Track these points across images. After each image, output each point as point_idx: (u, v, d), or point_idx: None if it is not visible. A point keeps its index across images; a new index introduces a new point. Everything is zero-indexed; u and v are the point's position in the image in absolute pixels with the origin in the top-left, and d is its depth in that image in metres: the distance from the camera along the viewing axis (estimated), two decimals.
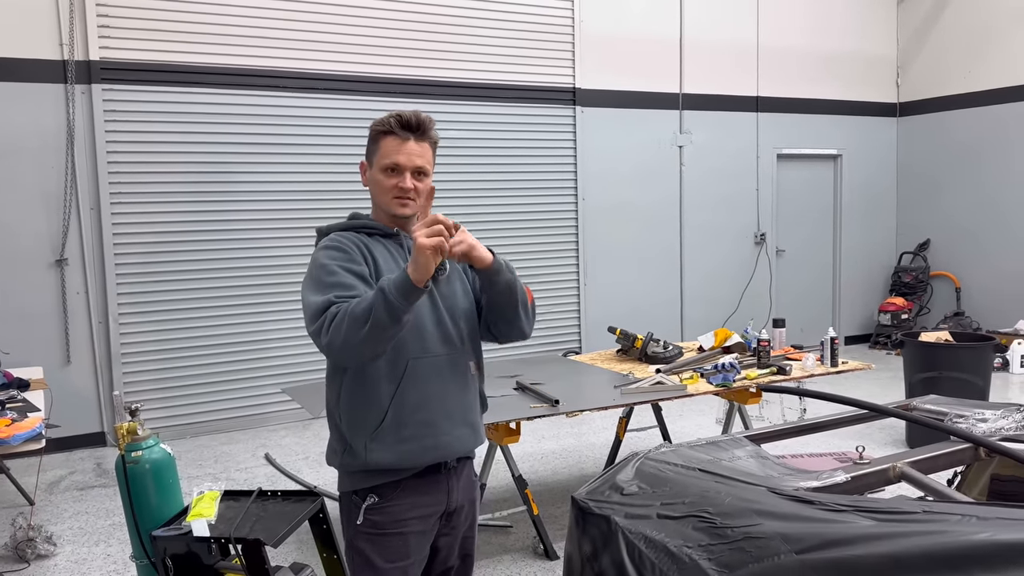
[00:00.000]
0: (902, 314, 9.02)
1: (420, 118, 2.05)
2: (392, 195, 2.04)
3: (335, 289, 1.89)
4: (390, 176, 2.03)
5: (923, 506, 1.43)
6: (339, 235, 2.05)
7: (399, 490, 2.02)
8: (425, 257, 1.76)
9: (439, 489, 2.08)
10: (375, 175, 2.06)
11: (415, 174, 2.04)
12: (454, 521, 2.16)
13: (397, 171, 2.02)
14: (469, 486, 2.20)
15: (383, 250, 2.06)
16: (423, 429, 2.01)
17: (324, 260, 1.97)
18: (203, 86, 6.11)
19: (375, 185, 2.06)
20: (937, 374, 5.10)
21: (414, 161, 2.03)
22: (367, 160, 2.11)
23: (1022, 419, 2.28)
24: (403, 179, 2.02)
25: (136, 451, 2.72)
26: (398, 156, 2.02)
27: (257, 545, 2.45)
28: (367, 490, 2.02)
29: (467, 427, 2.11)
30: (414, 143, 2.03)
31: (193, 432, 6.13)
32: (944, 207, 9.15)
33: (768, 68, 8.59)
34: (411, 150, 2.03)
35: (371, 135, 2.08)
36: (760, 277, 8.77)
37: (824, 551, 1.40)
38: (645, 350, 4.61)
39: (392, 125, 2.03)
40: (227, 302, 6.27)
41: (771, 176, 8.80)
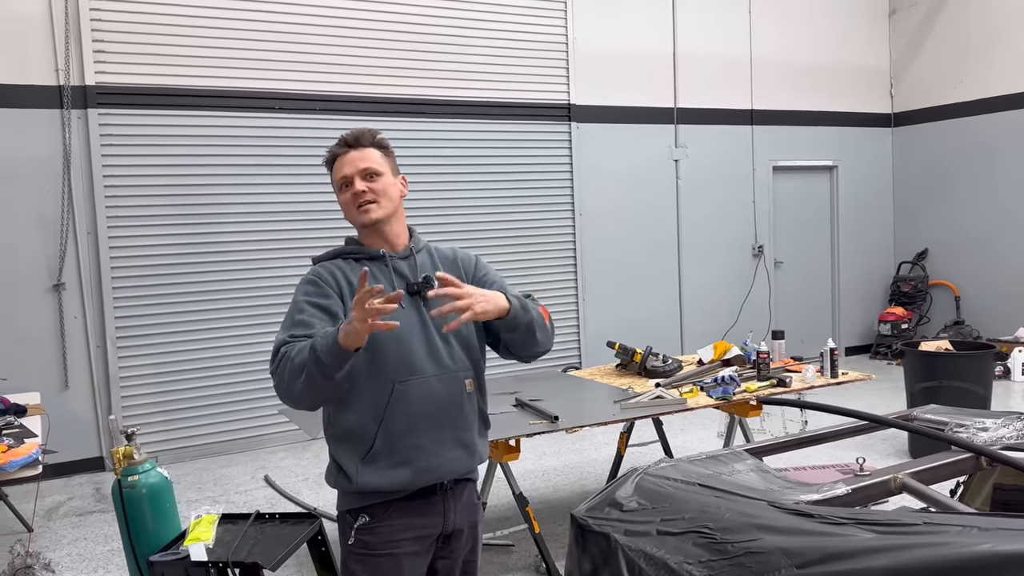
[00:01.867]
0: (902, 324, 9.01)
1: (354, 133, 2.10)
2: (352, 206, 2.06)
3: (295, 328, 1.94)
4: (345, 191, 2.07)
5: (924, 518, 1.41)
6: (320, 265, 2.08)
7: (391, 511, 2.00)
8: (357, 331, 1.76)
9: (434, 511, 2.05)
10: (338, 198, 2.10)
11: (365, 177, 2.05)
12: (453, 544, 2.12)
13: (348, 182, 2.06)
14: (469, 508, 2.15)
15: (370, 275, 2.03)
16: (414, 453, 1.99)
17: (298, 295, 2.03)
18: (199, 109, 6.13)
19: (342, 207, 2.10)
20: (938, 383, 5.08)
21: (358, 165, 2.05)
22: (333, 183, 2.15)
23: (1023, 427, 2.27)
24: (353, 186, 2.05)
25: (133, 475, 2.71)
26: (343, 168, 2.07)
27: (255, 569, 2.44)
28: (359, 510, 2.01)
29: (461, 448, 2.07)
30: (354, 152, 2.07)
31: (192, 455, 6.10)
32: (941, 216, 9.16)
33: (762, 81, 8.63)
34: (353, 159, 2.06)
35: (327, 167, 2.15)
36: (759, 289, 8.77)
37: (825, 565, 1.39)
38: (644, 364, 4.59)
39: (333, 150, 2.11)
40: (225, 324, 6.26)
41: (767, 188, 8.82)
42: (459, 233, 7.00)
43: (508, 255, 7.32)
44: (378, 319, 1.75)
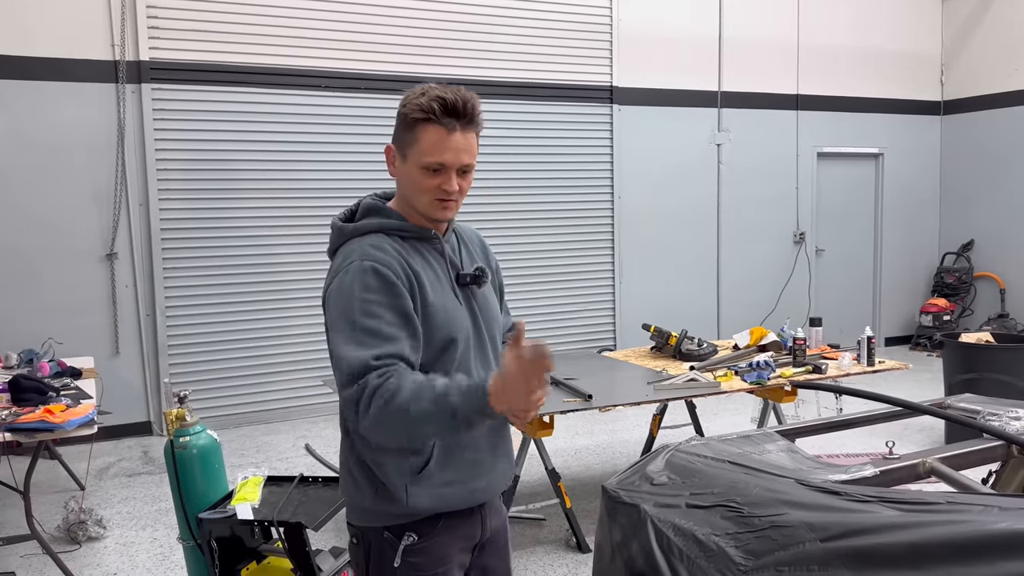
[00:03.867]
0: (944, 315, 8.88)
1: (468, 102, 1.67)
2: (433, 197, 1.69)
3: (375, 343, 1.57)
4: (432, 176, 1.67)
5: (947, 497, 1.45)
6: (375, 248, 1.67)
7: (439, 526, 1.75)
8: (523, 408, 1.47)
9: (473, 521, 1.84)
10: (411, 171, 1.69)
11: (460, 172, 1.69)
12: (487, 551, 1.93)
13: (442, 171, 1.67)
14: (498, 511, 1.97)
15: (421, 260, 1.73)
16: (470, 469, 1.77)
17: (360, 292, 1.61)
18: (249, 85, 6.26)
19: (410, 182, 1.70)
20: (977, 375, 5.03)
21: (461, 159, 1.67)
22: (398, 149, 1.72)
23: None
24: (448, 180, 1.67)
25: (184, 436, 2.84)
26: (444, 154, 1.65)
27: (299, 528, 2.54)
28: (403, 527, 1.72)
29: (507, 460, 1.92)
30: (460, 134, 1.66)
31: (235, 423, 6.29)
32: (989, 207, 8.98)
33: (808, 65, 8.52)
34: (458, 144, 1.66)
35: (405, 120, 1.68)
36: (799, 277, 8.70)
37: (848, 539, 1.43)
38: (679, 347, 4.63)
39: (436, 112, 1.64)
40: (270, 295, 6.42)
41: (811, 175, 8.72)
42: (498, 214, 7.06)
43: (546, 236, 7.38)
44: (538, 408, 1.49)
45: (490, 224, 6.93)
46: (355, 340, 1.57)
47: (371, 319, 1.59)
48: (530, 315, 6.97)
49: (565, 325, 7.55)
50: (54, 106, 5.77)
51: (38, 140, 5.75)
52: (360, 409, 1.52)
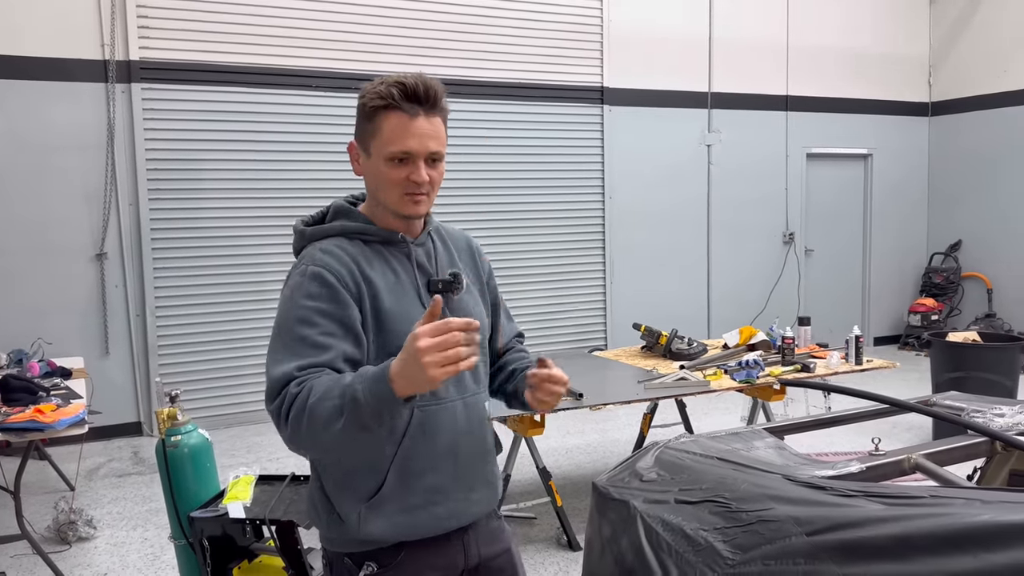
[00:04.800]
0: (932, 315, 8.95)
1: (429, 85, 1.57)
2: (402, 191, 1.58)
3: (304, 353, 1.46)
4: (398, 167, 1.56)
5: (930, 491, 1.48)
6: (325, 253, 1.57)
7: (402, 556, 1.62)
8: (427, 380, 1.31)
9: (451, 550, 1.69)
10: (376, 165, 1.59)
11: (429, 161, 1.58)
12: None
13: (408, 160, 1.56)
14: (494, 535, 1.79)
15: (382, 265, 1.61)
16: (432, 496, 1.62)
17: (298, 297, 1.52)
18: (240, 85, 6.25)
19: (376, 177, 1.60)
20: (964, 374, 5.08)
21: (428, 145, 1.56)
22: (360, 144, 1.62)
23: None
24: (415, 170, 1.56)
25: (176, 436, 2.84)
26: (408, 141, 1.55)
27: (290, 527, 2.55)
28: (362, 556, 1.61)
29: (486, 486, 1.74)
30: (424, 120, 1.56)
31: (225, 423, 6.28)
32: (976, 208, 9.05)
33: (798, 67, 8.57)
34: (423, 130, 1.56)
35: (364, 111, 1.59)
36: (788, 277, 8.75)
37: (834, 533, 1.46)
38: (669, 347, 4.65)
39: (395, 97, 1.54)
40: (260, 296, 6.41)
41: (800, 175, 8.77)
42: (488, 215, 7.08)
43: (537, 236, 7.40)
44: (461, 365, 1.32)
45: (481, 224, 6.94)
46: (285, 349, 1.48)
47: (305, 327, 1.49)
48: (521, 315, 6.99)
49: (556, 325, 7.57)
50: (43, 105, 5.75)
51: (27, 140, 5.73)
52: (280, 423, 1.43)
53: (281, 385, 1.44)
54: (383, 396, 1.34)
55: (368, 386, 1.36)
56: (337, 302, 1.51)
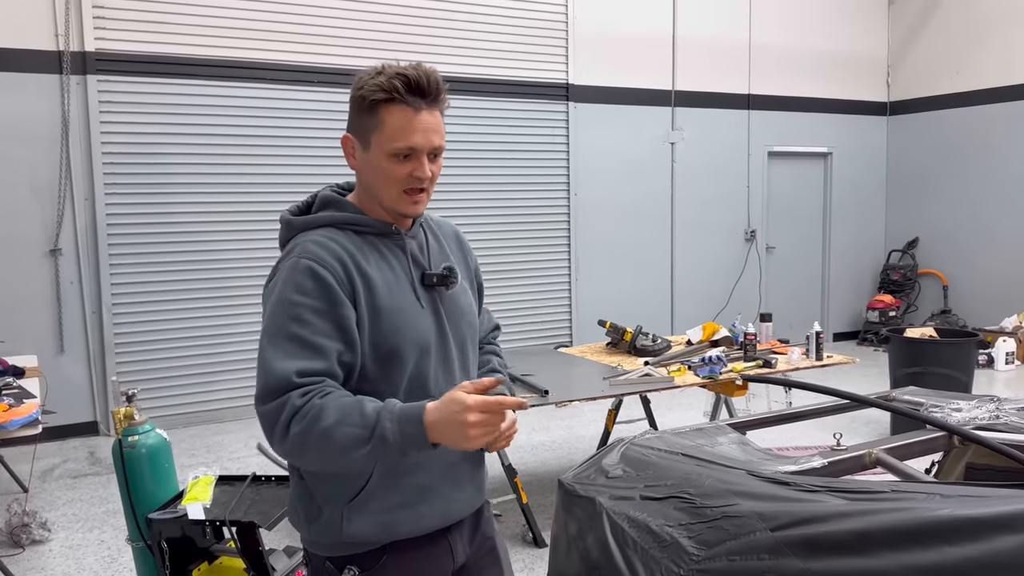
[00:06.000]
0: (890, 311, 9.12)
1: (432, 77, 1.51)
2: (403, 187, 1.53)
3: (301, 355, 1.42)
4: (401, 163, 1.51)
5: (892, 486, 1.49)
6: (317, 245, 1.50)
7: (385, 559, 1.58)
8: (462, 444, 1.37)
9: (437, 552, 1.65)
10: (376, 160, 1.52)
11: (430, 156, 1.53)
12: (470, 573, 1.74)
13: (411, 156, 1.51)
14: (480, 531, 1.76)
15: (377, 258, 1.56)
16: (418, 495, 1.58)
17: (292, 295, 1.45)
18: (198, 78, 6.14)
19: (375, 172, 1.53)
20: (921, 370, 5.18)
21: (432, 140, 1.52)
22: (358, 137, 1.55)
23: (995, 409, 2.35)
24: (419, 166, 1.51)
25: (133, 436, 2.78)
26: (413, 136, 1.49)
27: (251, 528, 2.51)
28: (343, 559, 1.57)
29: (472, 486, 1.71)
30: (427, 114, 1.51)
31: (185, 422, 6.17)
32: (933, 206, 9.24)
33: (760, 66, 8.67)
34: (427, 125, 1.51)
35: (363, 103, 1.52)
36: (750, 274, 8.86)
37: (797, 528, 1.47)
38: (634, 343, 4.67)
39: (399, 90, 1.48)
40: (220, 293, 6.31)
41: (762, 173, 8.88)
42: (453, 211, 7.04)
43: (503, 233, 7.38)
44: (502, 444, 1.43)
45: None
46: (280, 348, 1.42)
47: (299, 326, 1.43)
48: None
49: (522, 321, 7.57)
50: None
51: None
52: (277, 430, 1.38)
53: (280, 389, 1.39)
54: (415, 440, 1.37)
55: (400, 427, 1.37)
56: (330, 300, 1.46)
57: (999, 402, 2.39)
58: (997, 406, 2.36)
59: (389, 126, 1.49)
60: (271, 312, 1.47)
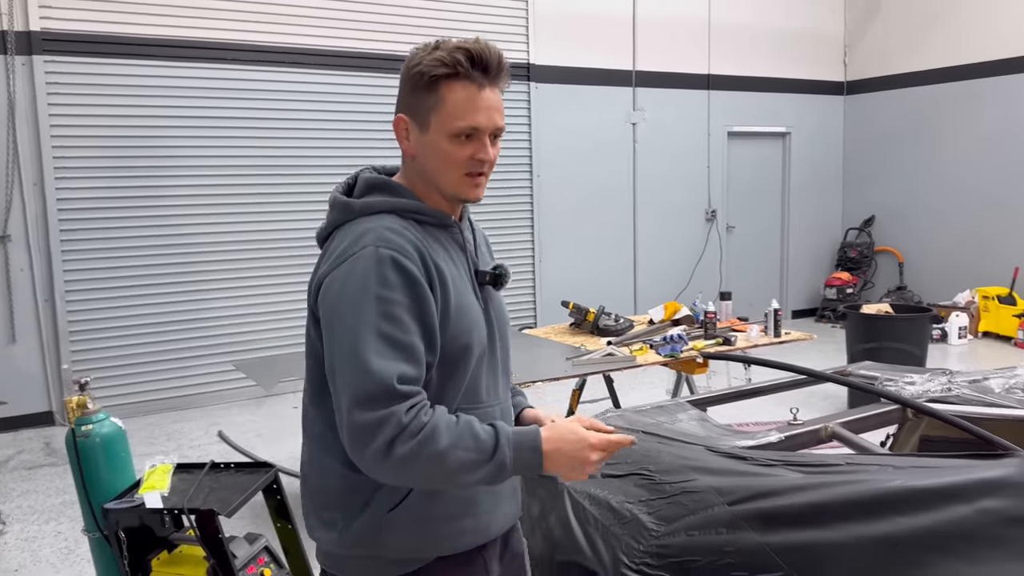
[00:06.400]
0: (847, 288, 9.27)
1: (495, 51, 1.41)
2: (465, 171, 1.42)
3: (397, 358, 1.29)
4: (463, 145, 1.40)
5: (847, 459, 1.52)
6: (393, 233, 1.37)
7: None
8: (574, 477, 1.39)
9: (474, 567, 1.52)
10: (436, 141, 1.41)
11: (492, 138, 1.44)
12: None
13: (474, 136, 1.41)
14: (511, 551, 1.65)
15: (443, 253, 1.44)
16: (463, 507, 1.46)
17: (378, 288, 1.31)
18: (149, 58, 5.98)
19: (435, 155, 1.42)
20: (877, 345, 5.28)
21: (495, 120, 1.42)
22: (414, 118, 1.43)
23: (948, 382, 2.40)
24: (482, 147, 1.42)
25: (86, 425, 2.71)
26: (477, 115, 1.39)
27: (211, 515, 2.47)
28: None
29: (513, 500, 1.59)
30: (490, 92, 1.41)
31: (143, 410, 6.06)
32: (889, 184, 9.40)
33: (719, 46, 8.70)
34: (490, 103, 1.41)
35: (421, 79, 1.39)
36: (711, 253, 8.93)
37: (754, 502, 1.49)
38: (597, 323, 4.69)
39: (462, 65, 1.37)
40: (176, 278, 6.19)
41: (722, 154, 8.94)
42: None
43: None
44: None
45: None
46: (373, 349, 1.28)
47: (391, 324, 1.30)
48: None
49: None
50: None
51: None
52: (376, 446, 1.25)
53: (384, 398, 1.26)
54: (529, 467, 1.35)
55: (519, 455, 1.33)
56: (416, 296, 1.34)
57: (951, 375, 2.44)
58: (949, 379, 2.41)
59: (451, 103, 1.38)
60: (352, 306, 1.31)
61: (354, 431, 1.27)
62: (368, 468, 1.29)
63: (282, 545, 2.89)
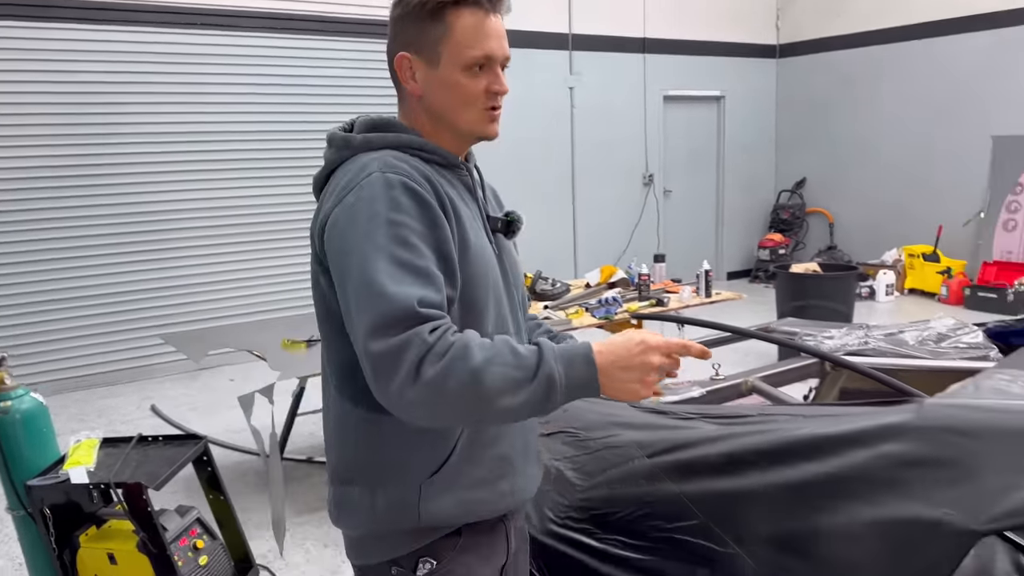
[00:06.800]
0: (780, 249, 9.49)
1: None
2: (482, 106, 1.33)
3: (416, 283, 1.16)
4: (476, 77, 1.31)
5: (760, 410, 1.57)
6: (399, 160, 1.27)
7: (460, 544, 1.36)
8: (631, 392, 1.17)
9: (499, 539, 1.43)
10: (448, 76, 1.30)
11: (504, 67, 1.37)
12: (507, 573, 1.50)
13: (486, 67, 1.32)
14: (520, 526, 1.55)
15: (452, 191, 1.33)
16: (500, 468, 1.37)
17: (389, 212, 1.19)
18: (66, 21, 5.70)
19: (450, 91, 1.31)
20: (805, 303, 5.44)
21: (505, 48, 1.35)
22: (419, 53, 1.31)
23: (864, 336, 2.49)
24: (496, 78, 1.33)
25: (5, 401, 2.63)
26: (489, 42, 1.31)
27: (138, 489, 2.43)
28: (417, 553, 1.33)
29: (538, 463, 1.51)
30: (495, 18, 1.34)
31: (71, 386, 5.89)
32: (819, 146, 9.60)
33: (654, 8, 8.71)
34: (499, 30, 1.34)
35: (423, 9, 1.29)
36: (649, 217, 9.03)
37: (672, 454, 1.53)
38: (534, 287, 4.71)
39: None
40: (103, 250, 5.99)
41: (658, 118, 9.00)
42: None
43: None
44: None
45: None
46: (387, 273, 1.14)
47: (406, 249, 1.16)
48: None
49: None
50: None
51: None
52: (403, 372, 1.10)
53: (404, 320, 1.11)
54: (584, 384, 1.14)
55: (571, 370, 1.13)
56: (431, 221, 1.21)
57: (868, 329, 2.53)
58: (866, 333, 2.50)
59: (460, 31, 1.28)
60: (363, 233, 1.17)
61: (376, 362, 1.11)
62: (396, 402, 1.12)
63: (215, 517, 2.86)
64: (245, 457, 4.30)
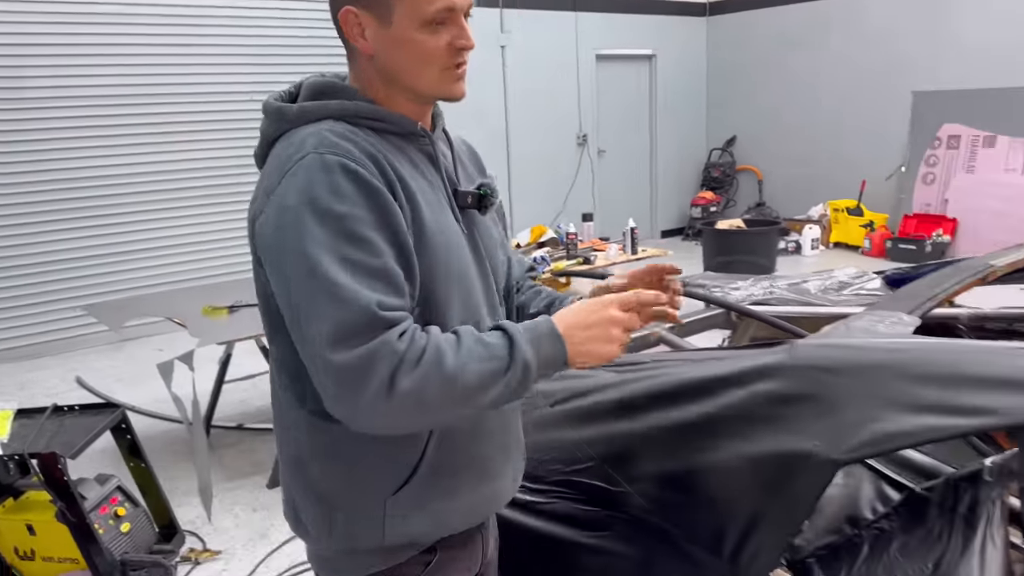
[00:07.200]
0: (711, 207, 9.67)
1: None
2: (444, 64, 1.16)
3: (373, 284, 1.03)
4: (438, 31, 1.14)
5: (654, 357, 1.64)
6: (338, 137, 1.10)
7: (437, 561, 1.23)
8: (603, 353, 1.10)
9: (473, 547, 1.31)
10: (404, 34, 1.13)
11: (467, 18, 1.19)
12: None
13: (448, 20, 1.14)
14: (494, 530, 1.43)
15: (407, 165, 1.17)
16: (478, 471, 1.24)
17: (330, 202, 1.04)
18: None
19: (404, 51, 1.14)
20: (730, 258, 5.59)
21: None
22: (368, 7, 1.13)
23: (770, 286, 2.59)
24: (462, 31, 1.16)
25: None
26: None
27: (53, 459, 2.41)
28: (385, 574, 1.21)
29: (522, 457, 1.39)
30: None
31: None
32: (748, 104, 9.76)
33: None
34: None
35: None
36: (583, 177, 9.09)
37: (572, 401, 1.59)
38: None
39: None
40: (21, 219, 5.79)
41: (591, 77, 9.01)
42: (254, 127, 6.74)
43: None
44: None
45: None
46: (340, 275, 1.01)
47: (356, 247, 1.03)
48: None
49: None
50: None
51: None
52: (374, 387, 0.98)
53: (368, 327, 0.99)
54: (554, 359, 1.07)
55: (540, 348, 1.06)
56: (380, 207, 1.06)
57: (773, 279, 2.62)
58: (771, 283, 2.59)
59: None
60: (303, 231, 1.03)
61: (341, 377, 0.99)
62: (368, 419, 1.01)
63: (138, 484, 2.85)
64: (173, 426, 4.25)
